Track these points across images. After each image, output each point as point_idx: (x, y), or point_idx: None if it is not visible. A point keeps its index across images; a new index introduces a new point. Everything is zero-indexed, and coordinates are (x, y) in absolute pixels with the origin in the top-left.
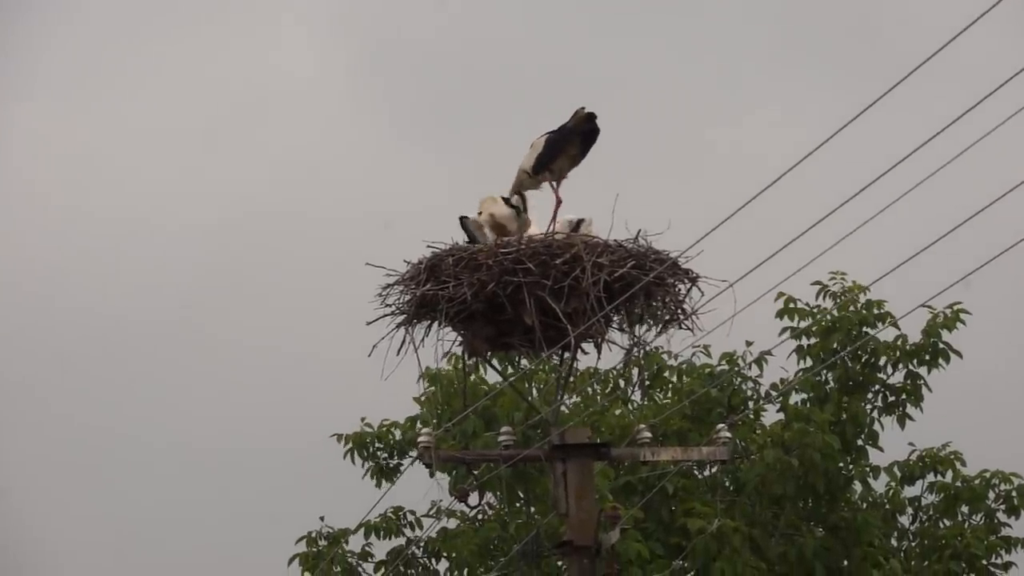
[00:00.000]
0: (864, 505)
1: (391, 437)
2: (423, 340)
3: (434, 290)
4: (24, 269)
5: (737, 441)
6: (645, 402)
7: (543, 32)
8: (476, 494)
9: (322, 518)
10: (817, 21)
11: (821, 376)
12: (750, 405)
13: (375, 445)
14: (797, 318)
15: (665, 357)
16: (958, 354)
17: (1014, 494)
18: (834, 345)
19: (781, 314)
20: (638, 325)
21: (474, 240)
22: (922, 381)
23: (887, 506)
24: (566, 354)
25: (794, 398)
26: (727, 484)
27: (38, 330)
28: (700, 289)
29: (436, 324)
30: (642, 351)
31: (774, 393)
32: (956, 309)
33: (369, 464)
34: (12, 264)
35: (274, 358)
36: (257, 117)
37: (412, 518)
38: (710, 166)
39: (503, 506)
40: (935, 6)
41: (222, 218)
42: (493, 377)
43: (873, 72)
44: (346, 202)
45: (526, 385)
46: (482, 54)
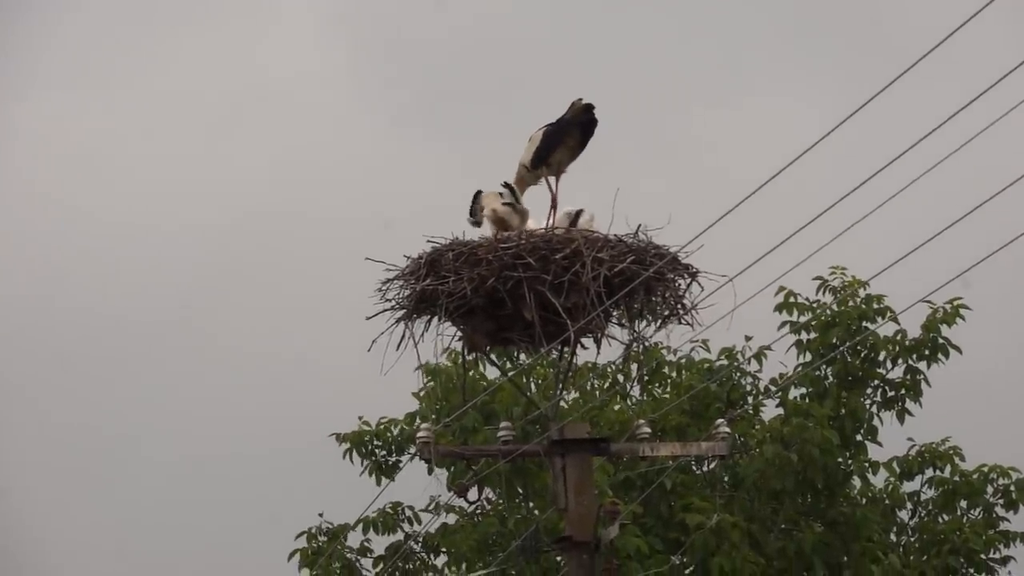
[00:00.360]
0: (863, 500)
1: (389, 434)
2: (423, 335)
3: (434, 285)
4: (24, 269)
5: (736, 436)
6: (644, 397)
7: (544, 30)
8: (475, 489)
9: (321, 514)
10: (818, 16)
11: (820, 371)
12: (749, 400)
13: (373, 443)
14: (796, 312)
15: (664, 352)
16: (957, 349)
17: (1012, 488)
18: (833, 340)
19: (780, 308)
20: (638, 320)
21: (476, 214)
22: (922, 376)
23: (886, 501)
24: (565, 349)
25: (793, 393)
26: (726, 479)
27: (37, 330)
28: (700, 284)
29: (436, 319)
30: (641, 346)
31: (773, 388)
32: (956, 304)
33: (368, 462)
34: (11, 264)
35: (273, 357)
36: (257, 117)
37: (410, 513)
38: (710, 160)
39: (502, 501)
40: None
41: (222, 218)
42: (492, 373)
43: (874, 66)
44: (346, 202)
45: (524, 380)
46: (482, 50)
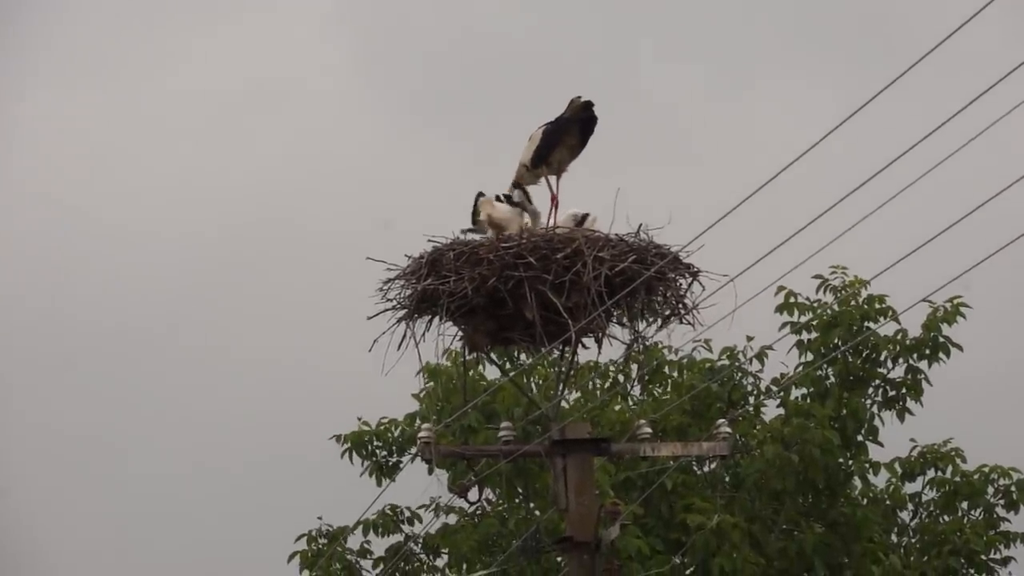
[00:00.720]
0: (864, 501)
1: (390, 435)
2: (423, 335)
3: (435, 285)
4: (24, 270)
5: (737, 436)
6: (644, 397)
7: (543, 28)
8: (476, 490)
9: (320, 518)
10: (819, 17)
11: (822, 371)
12: (750, 400)
13: (374, 443)
14: (797, 312)
15: (665, 352)
16: (959, 347)
17: (1013, 489)
18: (835, 340)
19: (781, 309)
20: (639, 320)
21: (476, 219)
22: (923, 376)
23: (887, 502)
24: (566, 349)
25: (794, 393)
26: (727, 480)
27: (38, 334)
28: (701, 283)
29: (437, 319)
30: (642, 346)
31: (774, 388)
32: (956, 303)
33: (368, 462)
34: (11, 265)
35: (272, 363)
36: (252, 122)
37: (409, 513)
38: (712, 159)
39: (503, 502)
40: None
41: (219, 224)
42: (492, 373)
43: (876, 65)
44: (345, 204)
45: (525, 380)
46: (482, 47)
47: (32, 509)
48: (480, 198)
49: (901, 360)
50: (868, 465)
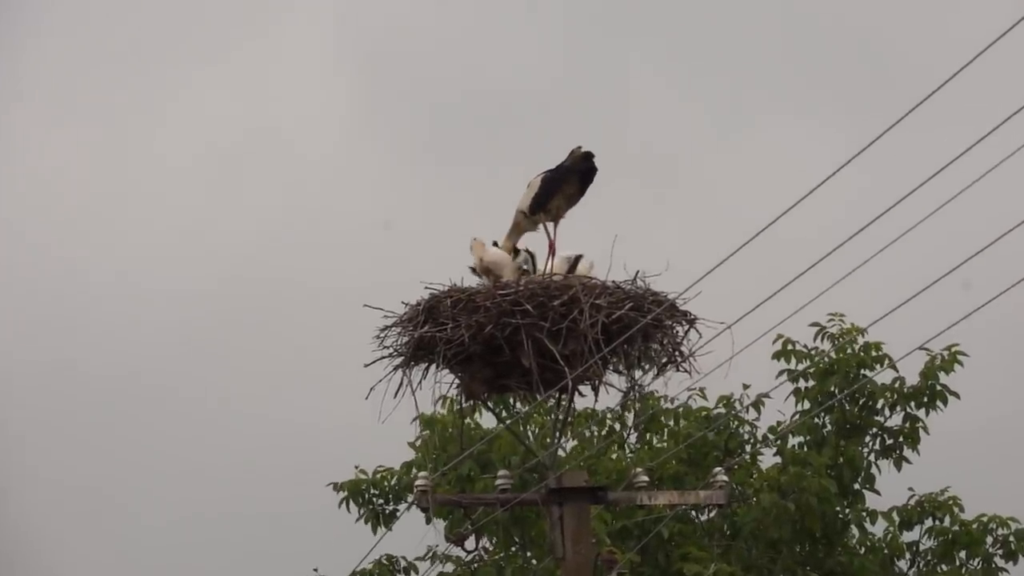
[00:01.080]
0: (862, 549)
1: (386, 483)
2: (420, 383)
3: (432, 332)
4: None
5: (734, 485)
6: (640, 445)
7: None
8: (473, 538)
9: (316, 569)
10: (819, 60)
11: (819, 419)
12: (747, 449)
13: (370, 491)
14: (795, 360)
15: (661, 401)
16: (956, 395)
17: (1011, 539)
18: (832, 388)
19: (778, 356)
20: (636, 367)
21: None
22: (920, 424)
23: (885, 551)
24: (563, 396)
25: (791, 441)
26: (724, 528)
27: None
28: (698, 331)
29: (434, 366)
30: (639, 394)
31: (771, 436)
32: (953, 351)
33: (364, 510)
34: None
35: (271, 412)
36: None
37: (406, 563)
38: (709, 205)
39: (499, 550)
40: (933, 46)
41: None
42: (488, 421)
43: (875, 110)
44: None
45: (522, 428)
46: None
47: (32, 509)
48: (473, 241)
49: (899, 408)
50: (865, 514)
